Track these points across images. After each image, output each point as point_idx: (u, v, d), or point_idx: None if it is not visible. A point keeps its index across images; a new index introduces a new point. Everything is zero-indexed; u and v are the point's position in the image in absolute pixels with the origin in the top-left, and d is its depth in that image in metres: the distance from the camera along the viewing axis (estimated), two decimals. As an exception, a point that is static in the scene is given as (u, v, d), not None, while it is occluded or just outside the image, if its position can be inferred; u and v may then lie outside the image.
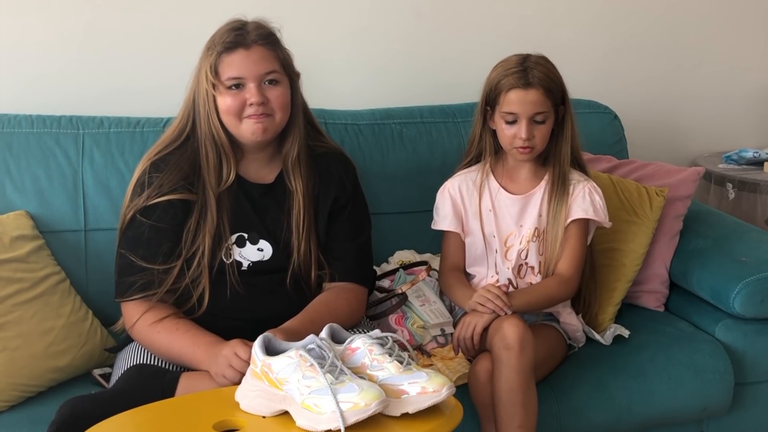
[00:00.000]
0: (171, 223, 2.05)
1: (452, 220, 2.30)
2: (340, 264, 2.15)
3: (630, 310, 2.54)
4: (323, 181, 2.16)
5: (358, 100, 2.75)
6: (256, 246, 2.11)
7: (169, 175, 2.06)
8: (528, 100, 2.19)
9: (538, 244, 2.27)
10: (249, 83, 2.03)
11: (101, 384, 2.17)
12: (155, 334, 2.01)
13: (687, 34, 3.23)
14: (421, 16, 2.92)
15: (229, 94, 2.04)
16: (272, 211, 2.13)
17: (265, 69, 2.04)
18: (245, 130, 2.05)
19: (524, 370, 2.04)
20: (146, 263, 2.04)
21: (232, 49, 2.03)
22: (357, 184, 2.24)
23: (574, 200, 2.26)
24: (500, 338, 2.05)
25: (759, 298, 2.34)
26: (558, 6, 3.06)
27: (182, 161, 2.08)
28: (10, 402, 2.08)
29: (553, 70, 2.24)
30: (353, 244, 2.18)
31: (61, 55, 2.62)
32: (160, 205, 2.04)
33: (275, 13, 2.10)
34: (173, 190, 2.05)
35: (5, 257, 2.16)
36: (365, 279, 2.21)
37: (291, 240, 2.11)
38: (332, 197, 2.16)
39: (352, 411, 1.55)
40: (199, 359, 1.95)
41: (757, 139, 3.35)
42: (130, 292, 2.05)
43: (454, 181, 2.33)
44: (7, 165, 2.35)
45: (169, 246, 2.05)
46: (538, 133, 2.21)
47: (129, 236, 2.07)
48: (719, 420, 2.41)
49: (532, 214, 2.29)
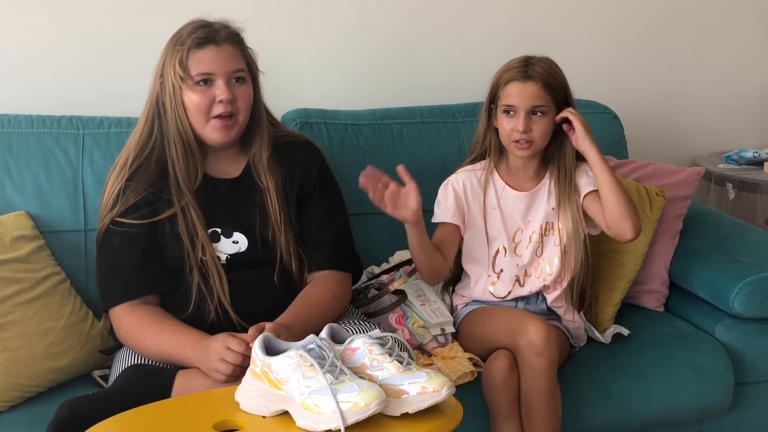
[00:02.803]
0: (146, 229, 2.06)
1: (454, 213, 2.29)
2: (317, 253, 2.16)
3: (630, 310, 2.54)
4: (289, 169, 2.17)
5: (358, 100, 2.75)
6: (230, 239, 2.12)
7: (140, 182, 2.07)
8: (526, 92, 2.20)
9: (554, 237, 2.27)
10: (218, 80, 2.04)
11: (101, 385, 2.17)
12: (141, 339, 2.02)
13: (687, 33, 3.23)
14: (420, 16, 2.92)
15: (197, 91, 2.04)
16: (242, 205, 2.14)
17: (234, 66, 2.06)
18: (209, 132, 2.07)
19: (553, 375, 2.08)
20: (125, 270, 2.05)
21: (203, 45, 2.05)
22: (325, 169, 2.24)
23: (579, 180, 2.27)
24: (528, 343, 2.06)
25: (759, 298, 2.34)
26: (558, 6, 3.06)
27: (150, 165, 2.09)
28: (10, 402, 2.08)
29: (555, 69, 2.25)
30: (328, 231, 2.19)
31: (62, 55, 2.62)
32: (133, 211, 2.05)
33: (275, 13, 2.11)
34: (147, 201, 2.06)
35: (5, 257, 2.16)
36: (345, 264, 2.21)
37: (271, 234, 2.12)
38: (298, 184, 2.17)
39: (352, 411, 1.55)
40: (187, 358, 1.96)
41: (757, 139, 3.35)
42: (112, 300, 2.07)
43: (458, 177, 2.33)
44: (7, 165, 2.35)
45: (145, 251, 2.06)
46: (536, 126, 2.21)
47: (106, 246, 2.09)
48: (719, 420, 2.41)
49: (539, 209, 2.29)
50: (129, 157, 2.10)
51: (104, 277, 2.10)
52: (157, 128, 2.10)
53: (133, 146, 2.12)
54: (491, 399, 2.12)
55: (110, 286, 2.08)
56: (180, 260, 2.07)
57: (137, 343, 2.03)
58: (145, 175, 2.08)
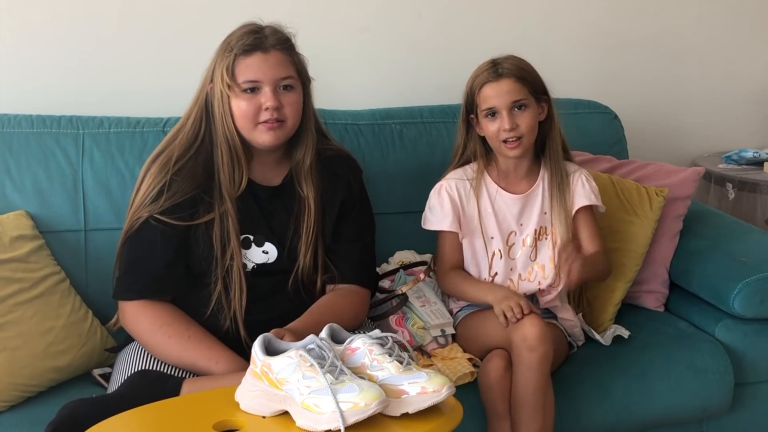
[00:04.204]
0: (182, 230, 2.04)
1: (453, 220, 2.29)
2: (344, 265, 2.15)
3: (630, 310, 2.54)
4: (331, 184, 2.16)
5: (359, 100, 2.75)
6: (261, 248, 2.10)
7: (186, 181, 2.04)
8: (503, 90, 2.20)
9: (548, 242, 2.27)
10: (265, 87, 2.02)
11: (101, 384, 2.17)
12: (166, 338, 2.00)
13: (687, 34, 3.23)
14: (421, 17, 2.92)
15: (244, 98, 2.02)
16: (280, 215, 2.13)
17: (281, 74, 2.03)
18: (258, 136, 2.05)
19: (545, 372, 2.06)
20: (152, 268, 2.04)
21: (250, 52, 2.02)
22: (363, 186, 2.25)
23: (575, 190, 2.29)
24: (522, 338, 2.06)
25: (759, 298, 2.34)
26: (558, 6, 3.06)
27: (197, 166, 2.06)
28: (10, 402, 2.08)
29: (523, 63, 2.25)
30: (357, 246, 2.18)
31: (62, 55, 2.62)
32: (175, 210, 2.02)
33: (274, 13, 2.10)
34: (191, 201, 2.04)
35: (5, 257, 2.16)
36: (368, 281, 2.21)
37: (298, 245, 2.11)
38: (340, 200, 2.16)
39: (352, 411, 1.55)
40: (216, 372, 1.95)
41: (757, 139, 3.35)
42: (133, 291, 2.05)
43: (450, 182, 2.32)
44: (7, 165, 2.35)
45: (176, 252, 2.05)
46: (522, 120, 2.21)
47: (138, 238, 2.05)
48: (719, 420, 2.41)
49: (533, 212, 2.29)
50: (174, 154, 2.06)
51: (130, 265, 2.07)
52: (205, 131, 2.08)
53: (178, 144, 2.08)
54: (486, 399, 2.12)
55: (133, 277, 2.06)
56: (207, 264, 2.05)
57: (157, 340, 2.01)
58: (192, 174, 2.05)
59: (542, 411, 2.06)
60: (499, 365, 2.10)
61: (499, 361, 2.11)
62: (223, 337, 2.03)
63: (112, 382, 2.08)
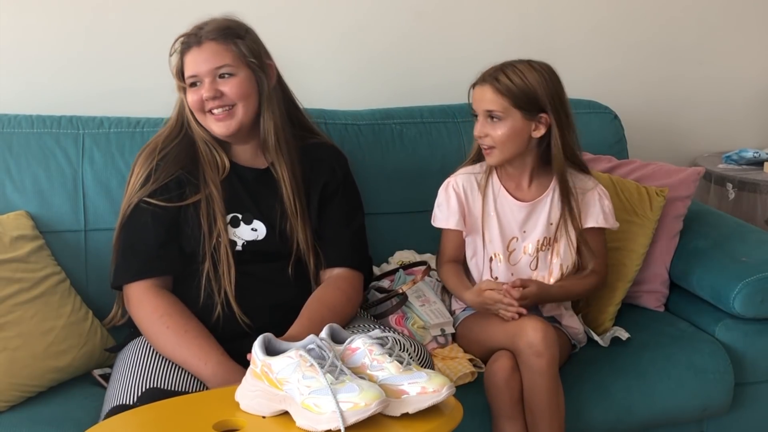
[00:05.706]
0: (172, 211, 2.09)
1: (458, 219, 2.29)
2: (332, 250, 2.17)
3: (630, 310, 2.54)
4: (314, 167, 2.20)
5: (358, 100, 2.75)
6: (250, 226, 2.14)
7: (171, 164, 2.12)
8: (480, 96, 2.22)
9: (549, 254, 2.27)
10: (205, 79, 2.09)
11: (101, 384, 2.17)
12: (164, 328, 2.01)
13: (687, 34, 3.23)
14: (421, 16, 2.92)
15: (191, 92, 2.12)
16: (264, 195, 2.16)
17: (216, 63, 2.09)
18: (211, 126, 2.12)
19: (555, 374, 2.08)
20: (146, 248, 2.07)
21: (187, 49, 2.11)
22: (348, 172, 2.27)
23: (589, 208, 2.28)
24: (528, 344, 2.06)
25: (759, 298, 2.34)
26: (559, 6, 3.06)
27: (180, 151, 2.14)
28: (10, 402, 2.08)
29: (526, 77, 2.17)
30: (346, 230, 2.20)
31: (62, 55, 2.62)
32: (164, 192, 2.09)
33: (274, 13, 2.11)
34: (177, 182, 2.10)
35: (5, 257, 2.16)
36: (360, 264, 2.21)
37: (289, 227, 2.14)
38: (323, 182, 2.19)
39: (352, 411, 1.55)
40: (204, 375, 1.95)
41: (757, 140, 3.35)
42: (130, 274, 2.07)
43: (458, 179, 2.32)
44: (7, 165, 2.35)
45: (168, 232, 2.09)
46: (492, 131, 2.20)
47: (131, 223, 2.10)
48: (719, 420, 2.41)
49: (539, 222, 2.28)
50: (158, 145, 2.15)
51: (125, 250, 2.10)
52: (186, 123, 2.17)
53: (162, 138, 2.17)
54: (493, 400, 2.12)
55: (129, 260, 2.09)
56: (195, 244, 2.09)
57: (156, 329, 2.02)
58: (176, 158, 2.13)
59: (557, 410, 2.08)
60: (507, 365, 2.10)
61: (506, 361, 2.11)
62: (216, 323, 2.03)
63: (112, 381, 2.08)
